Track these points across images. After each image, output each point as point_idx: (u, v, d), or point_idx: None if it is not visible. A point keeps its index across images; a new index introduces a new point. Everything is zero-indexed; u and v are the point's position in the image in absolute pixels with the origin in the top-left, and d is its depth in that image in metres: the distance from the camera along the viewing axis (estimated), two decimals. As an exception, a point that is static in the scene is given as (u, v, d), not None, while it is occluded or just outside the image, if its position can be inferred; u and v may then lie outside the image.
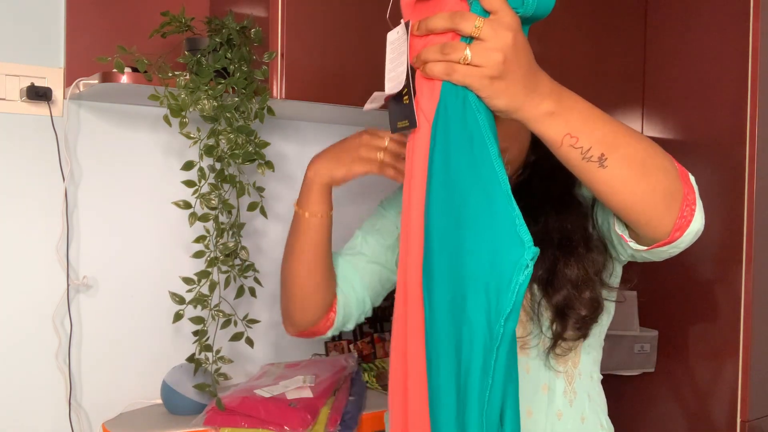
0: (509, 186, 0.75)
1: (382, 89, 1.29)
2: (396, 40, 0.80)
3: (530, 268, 0.72)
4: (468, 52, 0.73)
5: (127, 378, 1.60)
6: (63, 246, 1.52)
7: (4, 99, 1.47)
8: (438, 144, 0.78)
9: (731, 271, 1.68)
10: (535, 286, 1.07)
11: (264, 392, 1.46)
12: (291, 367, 1.66)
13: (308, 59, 1.41)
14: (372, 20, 1.49)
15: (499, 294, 0.73)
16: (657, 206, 0.83)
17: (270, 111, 1.39)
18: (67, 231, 1.53)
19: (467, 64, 0.73)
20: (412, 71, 0.80)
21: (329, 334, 1.21)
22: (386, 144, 1.08)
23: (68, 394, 1.53)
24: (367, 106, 0.97)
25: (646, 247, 0.90)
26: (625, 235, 0.92)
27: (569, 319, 1.05)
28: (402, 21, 0.80)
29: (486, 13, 0.74)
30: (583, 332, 1.06)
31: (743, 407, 1.67)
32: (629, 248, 0.93)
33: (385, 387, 1.69)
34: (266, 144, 1.39)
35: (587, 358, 1.13)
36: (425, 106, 0.79)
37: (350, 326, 1.23)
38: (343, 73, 1.45)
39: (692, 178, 0.88)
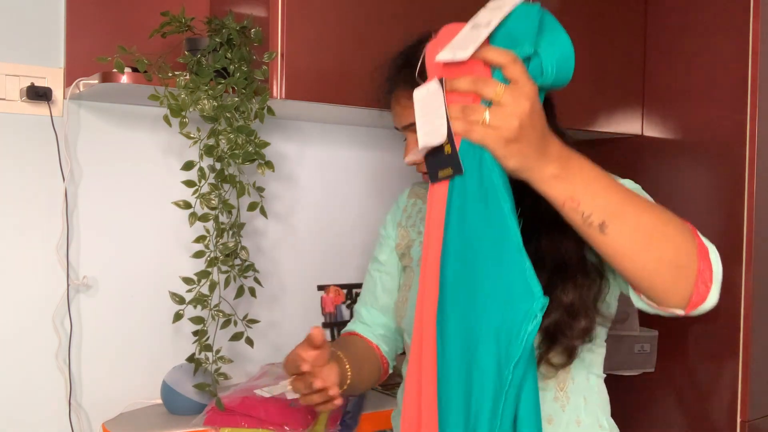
0: (521, 239, 0.80)
1: (382, 89, 1.30)
2: (426, 97, 0.86)
3: (539, 318, 0.77)
4: (487, 114, 0.79)
5: (127, 378, 1.60)
6: (63, 246, 1.52)
7: (4, 99, 1.47)
8: (455, 197, 0.84)
9: (731, 271, 1.68)
10: None
11: (264, 392, 1.46)
12: None
13: (308, 59, 1.41)
14: (372, 20, 1.49)
15: (509, 342, 0.78)
16: (663, 279, 0.85)
17: (270, 111, 1.39)
18: (67, 231, 1.53)
19: (486, 125, 0.79)
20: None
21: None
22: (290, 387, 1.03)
23: (68, 394, 1.53)
24: (410, 158, 1.05)
25: (656, 308, 0.90)
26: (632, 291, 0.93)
27: (558, 345, 1.00)
28: (435, 78, 0.86)
29: (507, 80, 0.79)
30: (570, 359, 1.03)
31: (743, 407, 1.67)
32: (640, 302, 0.93)
33: (385, 387, 1.69)
34: (266, 144, 1.39)
35: (580, 363, 1.10)
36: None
37: (399, 350, 1.31)
38: (343, 73, 1.45)
39: (714, 255, 0.88)
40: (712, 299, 0.87)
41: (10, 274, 1.49)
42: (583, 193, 0.82)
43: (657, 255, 0.84)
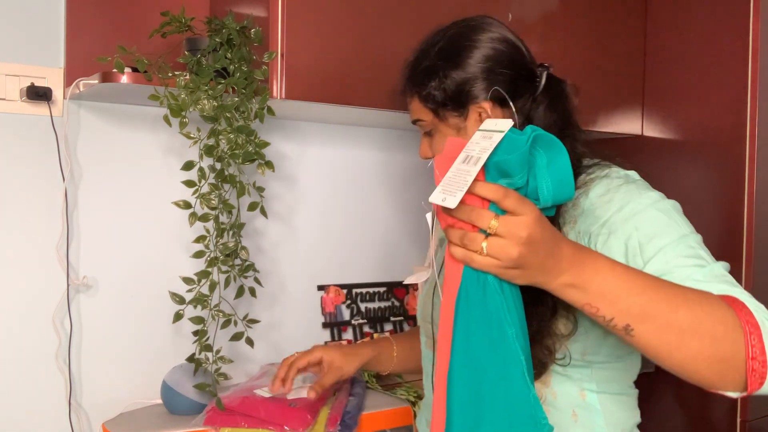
0: (525, 366, 0.80)
1: (382, 89, 1.31)
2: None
3: None
4: (484, 245, 0.78)
5: (127, 378, 1.60)
6: (63, 246, 1.52)
7: (4, 99, 1.47)
8: (460, 321, 0.83)
9: (731, 271, 1.68)
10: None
11: (264, 392, 1.46)
12: None
13: (308, 59, 1.41)
14: (372, 20, 1.49)
15: None
16: (705, 374, 0.83)
17: (270, 111, 1.39)
18: (67, 231, 1.53)
19: (485, 255, 0.78)
20: None
21: None
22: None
23: (68, 394, 1.53)
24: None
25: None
26: None
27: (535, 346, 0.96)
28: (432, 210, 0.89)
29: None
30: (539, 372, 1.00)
31: (743, 407, 1.67)
32: None
33: (385, 387, 1.69)
34: (266, 144, 1.39)
35: (565, 378, 1.04)
36: (450, 282, 0.85)
37: None
38: (343, 73, 1.45)
39: (764, 328, 0.82)
40: None
41: (10, 274, 1.49)
42: (601, 300, 0.81)
43: (694, 352, 0.81)
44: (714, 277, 0.89)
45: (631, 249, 0.93)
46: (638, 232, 0.93)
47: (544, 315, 0.97)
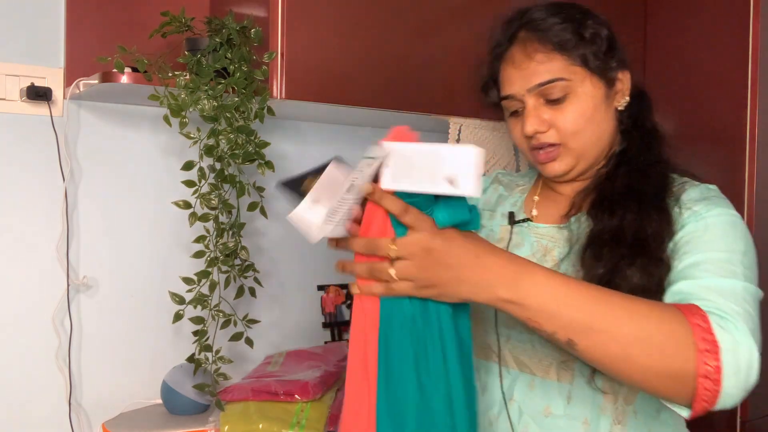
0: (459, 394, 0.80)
1: (382, 89, 1.30)
2: (351, 188, 0.84)
3: None
4: (392, 271, 0.78)
5: (127, 378, 1.60)
6: (63, 246, 1.52)
7: (4, 99, 1.47)
8: (390, 355, 0.81)
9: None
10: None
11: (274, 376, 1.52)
12: (294, 353, 1.68)
13: (308, 59, 1.41)
14: (372, 20, 1.49)
15: None
16: (653, 387, 0.80)
17: (270, 111, 1.39)
18: (67, 231, 1.53)
19: (396, 281, 0.78)
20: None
21: None
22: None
23: (68, 394, 1.53)
24: (529, 129, 1.02)
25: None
26: None
27: None
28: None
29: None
30: None
31: (743, 407, 1.67)
32: None
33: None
34: (266, 144, 1.39)
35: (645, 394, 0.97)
36: (362, 319, 0.83)
37: None
38: (343, 73, 1.45)
39: (728, 352, 0.78)
40: (725, 398, 0.81)
41: (10, 274, 1.49)
42: (541, 316, 0.79)
43: (641, 366, 0.78)
44: (710, 290, 0.84)
45: (689, 237, 0.92)
46: (707, 232, 0.92)
47: (662, 277, 0.92)
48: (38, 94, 1.47)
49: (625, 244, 0.94)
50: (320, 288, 1.87)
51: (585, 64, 1.00)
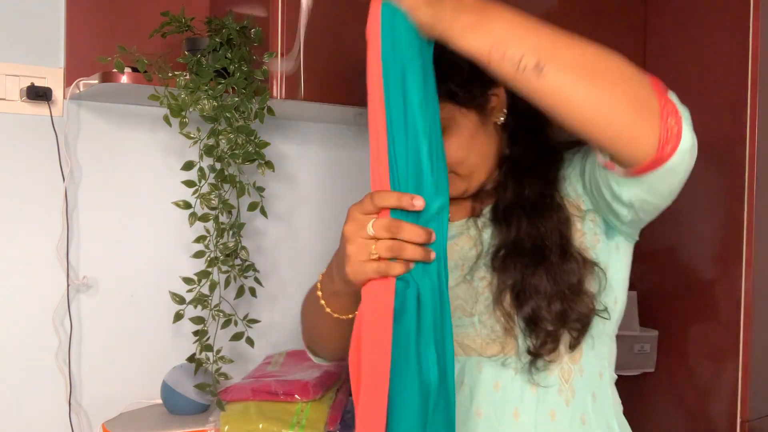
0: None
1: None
2: None
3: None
4: None
5: (127, 378, 1.60)
6: (63, 246, 1.52)
7: (4, 99, 1.47)
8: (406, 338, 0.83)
9: (731, 271, 1.68)
10: (508, 297, 1.00)
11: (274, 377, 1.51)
12: (294, 353, 1.68)
13: (308, 59, 1.41)
14: (372, 20, 1.49)
15: None
16: (624, 116, 0.78)
17: (270, 111, 1.39)
18: (67, 231, 1.53)
19: None
20: None
21: None
22: (371, 231, 0.83)
23: (68, 394, 1.53)
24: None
25: (624, 172, 0.85)
26: (608, 161, 0.86)
27: (538, 333, 0.98)
28: None
29: None
30: (553, 346, 0.99)
31: (743, 407, 1.67)
32: (616, 180, 0.88)
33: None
34: (266, 144, 1.39)
35: (592, 354, 1.04)
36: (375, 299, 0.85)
37: None
38: (344, 73, 1.45)
39: (672, 94, 0.82)
40: (687, 137, 0.80)
41: (10, 274, 1.49)
42: (507, 37, 0.77)
43: (610, 89, 0.78)
44: None
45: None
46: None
47: (574, 271, 0.98)
48: (38, 94, 1.47)
49: (525, 254, 0.99)
50: (320, 288, 1.87)
51: (451, 99, 1.02)
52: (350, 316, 0.95)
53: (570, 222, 1.03)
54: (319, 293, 1.00)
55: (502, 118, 1.08)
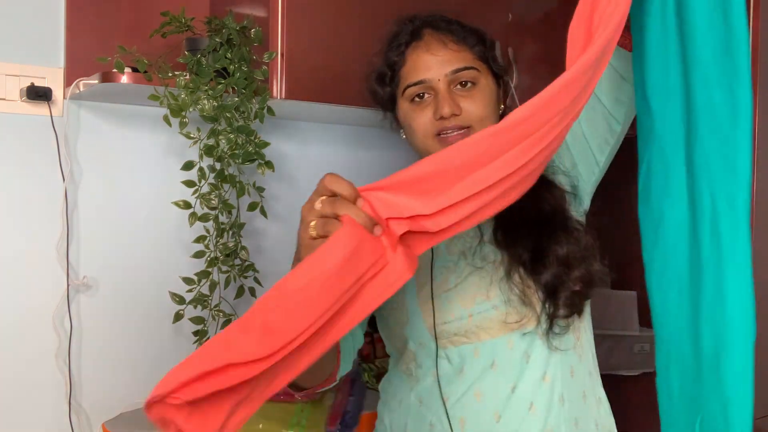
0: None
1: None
2: None
3: None
4: None
5: (127, 378, 1.60)
6: (63, 246, 1.52)
7: (4, 99, 1.47)
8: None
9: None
10: (521, 270, 1.05)
11: None
12: None
13: (308, 59, 1.41)
14: (372, 20, 1.49)
15: None
16: None
17: (270, 111, 1.39)
18: (67, 231, 1.53)
19: None
20: None
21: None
22: (318, 208, 0.78)
23: (68, 394, 1.53)
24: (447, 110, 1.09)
25: None
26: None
27: (562, 298, 1.03)
28: None
29: None
30: (580, 308, 1.06)
31: (743, 407, 1.66)
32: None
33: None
34: (266, 144, 1.39)
35: (587, 336, 1.13)
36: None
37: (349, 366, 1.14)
38: (343, 73, 1.45)
39: None
40: None
41: (10, 274, 1.49)
42: None
43: None
44: None
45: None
46: None
47: (579, 233, 1.06)
48: (38, 94, 1.47)
49: (532, 224, 1.05)
50: (320, 288, 1.87)
51: (486, 61, 1.12)
52: None
53: (565, 198, 1.10)
54: None
55: (502, 109, 1.15)
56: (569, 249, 1.04)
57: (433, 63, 1.08)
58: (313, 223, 0.77)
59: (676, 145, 0.92)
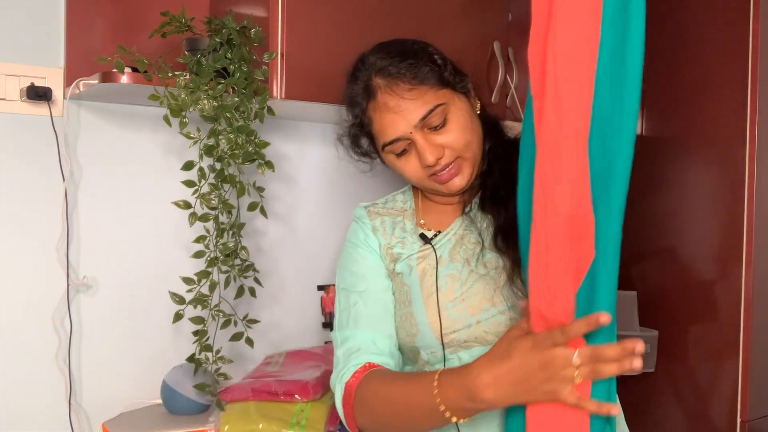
0: None
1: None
2: None
3: None
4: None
5: (127, 378, 1.60)
6: (63, 246, 1.52)
7: (4, 99, 1.47)
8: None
9: (731, 271, 1.68)
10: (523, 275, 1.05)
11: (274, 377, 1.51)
12: (294, 353, 1.67)
13: (308, 59, 1.41)
14: (372, 20, 1.49)
15: None
16: None
17: (270, 111, 1.39)
18: (67, 231, 1.53)
19: None
20: None
21: None
22: (577, 360, 0.84)
23: (68, 394, 1.53)
24: (430, 159, 1.10)
25: None
26: None
27: None
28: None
29: None
30: None
31: (743, 407, 1.67)
32: None
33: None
34: (266, 144, 1.39)
35: None
36: None
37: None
38: (343, 73, 1.45)
39: None
40: None
41: (10, 274, 1.49)
42: None
43: None
44: None
45: None
46: None
47: None
48: (38, 94, 1.47)
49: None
50: (320, 288, 1.87)
51: (447, 85, 1.10)
52: (463, 419, 0.94)
53: None
54: (438, 399, 0.93)
55: (478, 105, 1.17)
56: None
57: (398, 120, 1.08)
58: (578, 372, 0.83)
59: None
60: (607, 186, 0.84)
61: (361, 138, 1.17)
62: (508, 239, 1.08)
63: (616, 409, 0.83)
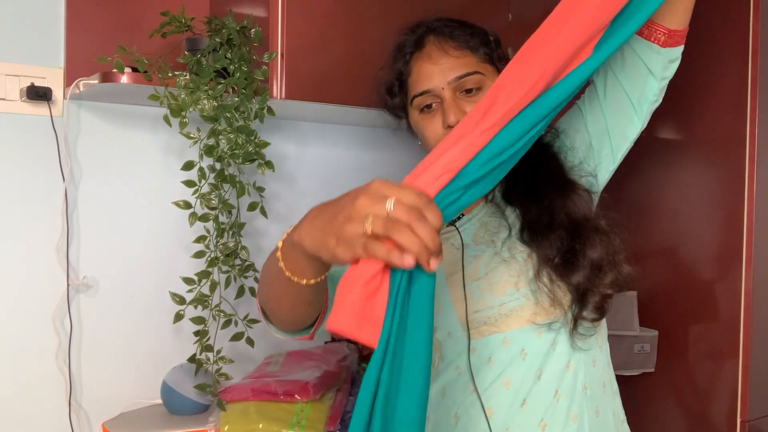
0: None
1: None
2: None
3: None
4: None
5: (127, 378, 1.60)
6: (63, 246, 1.52)
7: (4, 99, 1.47)
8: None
9: (731, 271, 1.68)
10: (550, 271, 1.04)
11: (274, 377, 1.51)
12: (294, 353, 1.68)
13: (308, 59, 1.41)
14: (372, 21, 1.49)
15: None
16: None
17: (270, 111, 1.39)
18: (67, 231, 1.53)
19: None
20: None
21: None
22: (389, 209, 0.69)
23: (68, 394, 1.53)
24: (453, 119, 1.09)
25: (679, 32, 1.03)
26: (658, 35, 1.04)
27: (592, 300, 1.04)
28: None
29: None
30: (602, 314, 1.06)
31: (743, 407, 1.67)
32: (657, 51, 1.06)
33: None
34: (266, 144, 1.39)
35: (604, 330, 1.14)
36: None
37: None
38: (344, 73, 1.45)
39: None
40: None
41: (10, 274, 1.49)
42: None
43: None
44: None
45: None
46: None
47: (606, 237, 1.05)
48: (38, 94, 1.47)
49: (563, 227, 1.05)
50: (320, 288, 1.87)
51: (491, 62, 1.13)
52: (304, 281, 0.82)
53: (591, 201, 1.11)
54: (279, 254, 0.83)
55: None
56: (601, 252, 1.04)
57: (436, 72, 1.09)
58: (370, 219, 0.68)
59: None
60: None
61: (395, 88, 1.16)
62: (535, 235, 1.07)
63: (433, 264, 0.69)
